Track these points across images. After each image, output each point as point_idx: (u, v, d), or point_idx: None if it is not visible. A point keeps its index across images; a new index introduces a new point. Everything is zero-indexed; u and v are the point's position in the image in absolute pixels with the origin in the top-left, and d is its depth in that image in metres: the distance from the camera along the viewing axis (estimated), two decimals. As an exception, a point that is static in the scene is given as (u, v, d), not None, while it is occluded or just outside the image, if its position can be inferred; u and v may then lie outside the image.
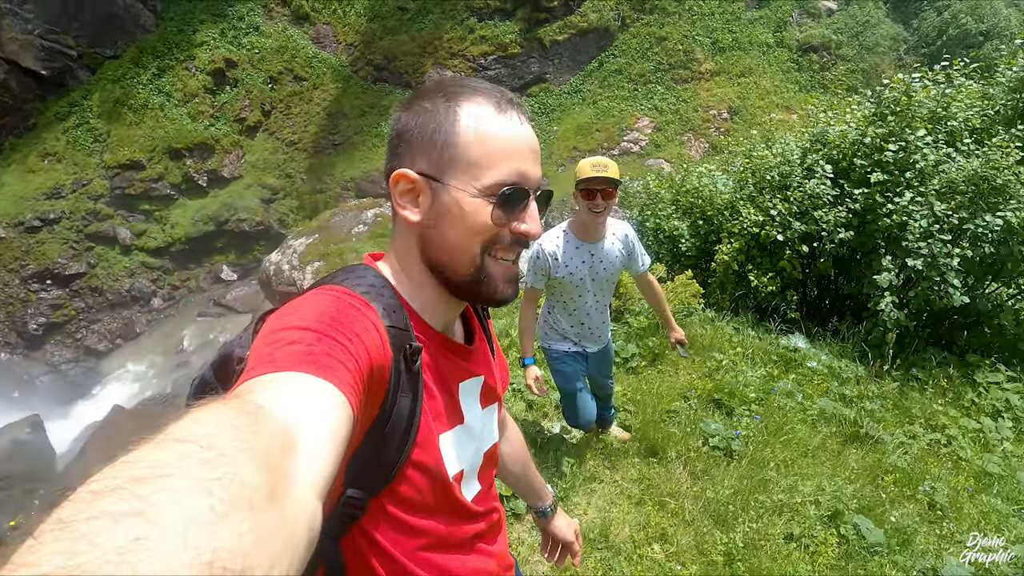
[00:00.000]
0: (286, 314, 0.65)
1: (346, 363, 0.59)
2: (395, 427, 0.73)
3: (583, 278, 2.51)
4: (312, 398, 0.53)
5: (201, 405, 0.42)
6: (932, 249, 3.85)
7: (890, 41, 19.77)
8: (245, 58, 19.07)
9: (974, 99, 4.72)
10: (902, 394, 3.93)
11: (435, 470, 0.80)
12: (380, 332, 0.69)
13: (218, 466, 0.35)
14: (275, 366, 0.55)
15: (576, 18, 20.73)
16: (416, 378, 0.76)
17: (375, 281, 0.78)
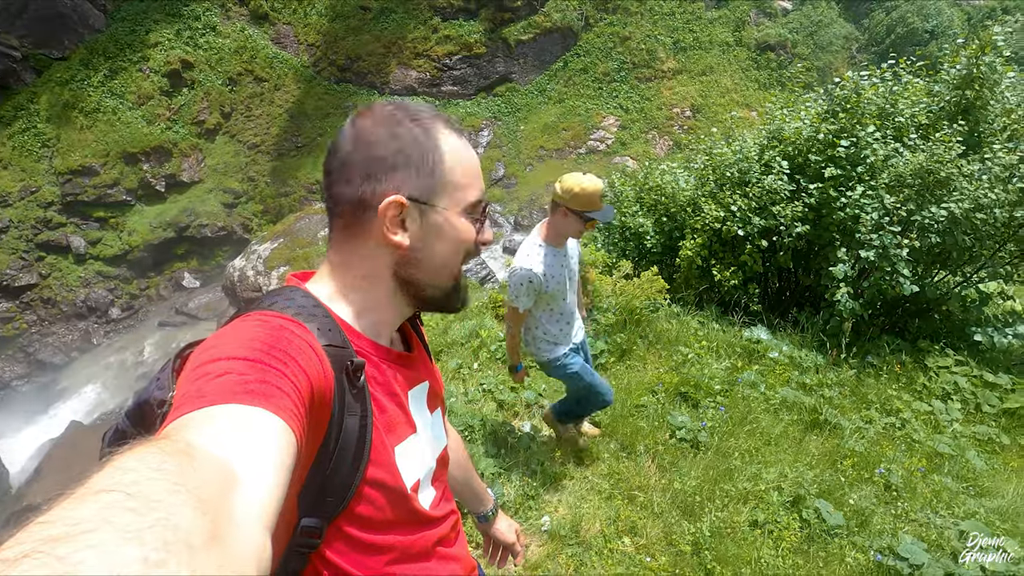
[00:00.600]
0: (211, 346, 0.62)
1: (284, 388, 0.57)
2: (345, 447, 0.71)
3: (562, 282, 2.56)
4: (250, 430, 0.51)
5: (124, 450, 0.39)
6: (883, 241, 4.00)
7: (843, 40, 20.46)
8: (203, 59, 18.57)
9: (920, 96, 4.92)
10: (859, 381, 4.07)
11: (392, 485, 0.79)
12: (317, 352, 0.67)
13: (148, 513, 0.33)
14: (205, 401, 0.52)
15: (540, 18, 20.83)
16: (362, 394, 0.75)
17: (304, 301, 0.76)
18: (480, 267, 14.39)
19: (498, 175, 19.72)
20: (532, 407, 3.70)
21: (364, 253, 0.81)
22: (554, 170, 19.45)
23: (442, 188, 0.81)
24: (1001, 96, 4.42)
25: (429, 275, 0.83)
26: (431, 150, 0.80)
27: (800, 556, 2.52)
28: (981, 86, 4.51)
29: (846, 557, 2.52)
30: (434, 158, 0.80)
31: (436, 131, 0.81)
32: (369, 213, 0.78)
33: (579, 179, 2.34)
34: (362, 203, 0.78)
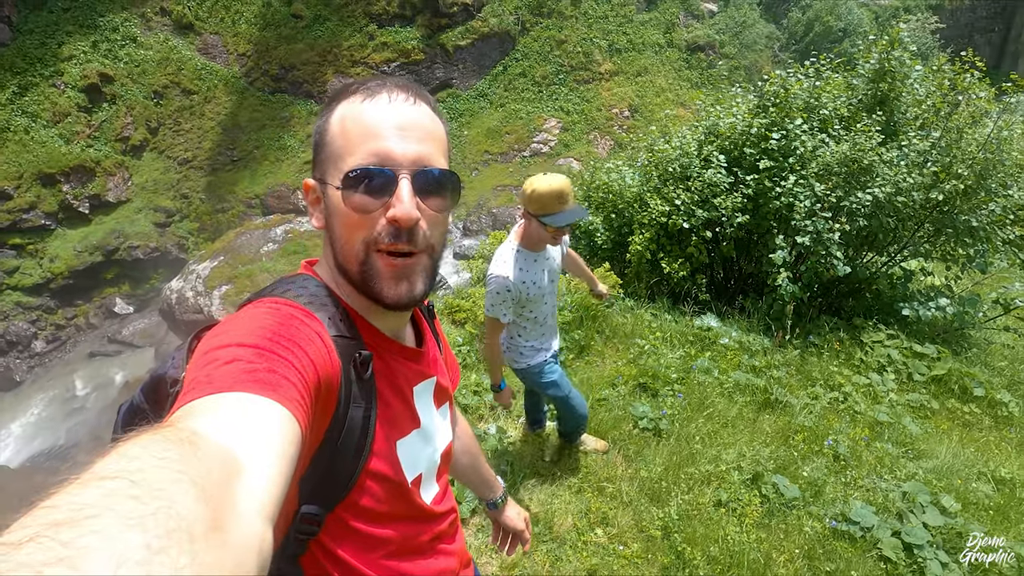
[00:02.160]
0: (222, 331, 0.62)
1: (291, 378, 0.57)
2: (349, 439, 0.71)
3: (542, 287, 2.41)
4: (255, 419, 0.50)
5: (129, 437, 0.39)
6: (816, 226, 4.24)
7: (765, 39, 21.56)
8: (123, 72, 17.62)
9: (840, 90, 5.26)
10: (803, 360, 4.30)
11: (394, 478, 0.79)
12: (326, 342, 0.67)
13: (151, 500, 0.33)
14: (213, 388, 0.52)
15: (477, 23, 20.91)
16: (369, 387, 0.74)
17: (317, 291, 0.76)
18: (432, 274, 14.29)
19: (444, 181, 19.59)
20: (496, 409, 3.71)
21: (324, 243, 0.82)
22: (500, 174, 19.55)
23: (328, 161, 0.76)
24: (911, 87, 4.78)
25: (340, 258, 0.77)
26: (324, 125, 0.78)
27: (763, 530, 2.64)
28: (893, 79, 4.87)
29: (804, 527, 2.66)
30: (323, 132, 0.78)
31: (337, 105, 0.77)
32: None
33: (534, 180, 2.15)
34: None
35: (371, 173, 0.72)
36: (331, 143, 0.76)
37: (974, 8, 21.34)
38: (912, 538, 2.57)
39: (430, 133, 0.78)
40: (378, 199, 0.72)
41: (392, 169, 0.73)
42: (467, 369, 4.37)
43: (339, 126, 0.75)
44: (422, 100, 0.79)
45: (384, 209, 0.73)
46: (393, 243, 0.74)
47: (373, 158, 0.72)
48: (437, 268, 0.82)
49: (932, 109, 4.62)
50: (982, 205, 4.21)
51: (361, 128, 0.73)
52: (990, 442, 3.57)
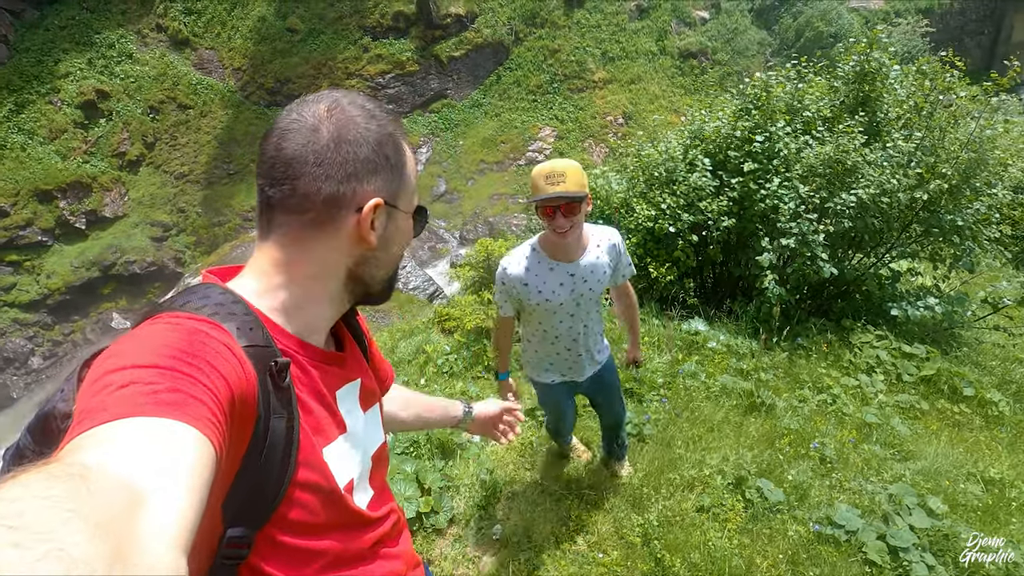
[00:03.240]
0: (115, 353, 0.57)
1: (198, 396, 0.54)
2: (272, 452, 0.68)
3: (563, 303, 2.08)
4: (159, 443, 0.47)
5: (8, 477, 0.36)
6: (801, 228, 4.23)
7: (757, 45, 21.69)
8: (120, 88, 17.72)
9: (822, 92, 5.27)
10: (791, 362, 4.27)
11: (324, 486, 0.76)
12: (236, 354, 0.64)
13: (36, 546, 0.30)
14: (108, 415, 0.48)
15: (471, 34, 21.05)
16: (288, 395, 0.71)
17: (222, 298, 0.72)
18: (427, 283, 14.27)
19: (440, 191, 19.67)
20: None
21: (322, 251, 0.78)
22: (495, 183, 19.59)
23: (403, 191, 0.84)
24: (891, 88, 4.79)
25: (381, 272, 0.86)
26: (401, 154, 0.83)
27: (746, 535, 2.60)
28: (873, 80, 4.88)
29: (788, 531, 2.62)
30: (402, 162, 0.83)
31: (400, 134, 0.83)
32: (343, 212, 0.77)
33: (535, 169, 1.91)
34: (338, 201, 0.76)
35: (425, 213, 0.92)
36: (410, 177, 0.86)
37: (964, 11, 21.46)
38: (898, 541, 2.52)
39: None
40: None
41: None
42: (453, 377, 4.35)
43: (411, 164, 0.86)
44: None
45: None
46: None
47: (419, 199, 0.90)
48: None
49: (914, 109, 4.62)
50: (967, 204, 4.20)
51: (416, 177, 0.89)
52: (980, 442, 3.53)
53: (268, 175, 0.76)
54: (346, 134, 0.76)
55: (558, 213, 1.88)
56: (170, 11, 18.88)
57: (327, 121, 0.75)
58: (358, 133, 0.76)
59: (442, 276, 15.59)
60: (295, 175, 0.74)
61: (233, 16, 19.67)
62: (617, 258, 2.16)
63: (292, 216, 0.76)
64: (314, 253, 0.78)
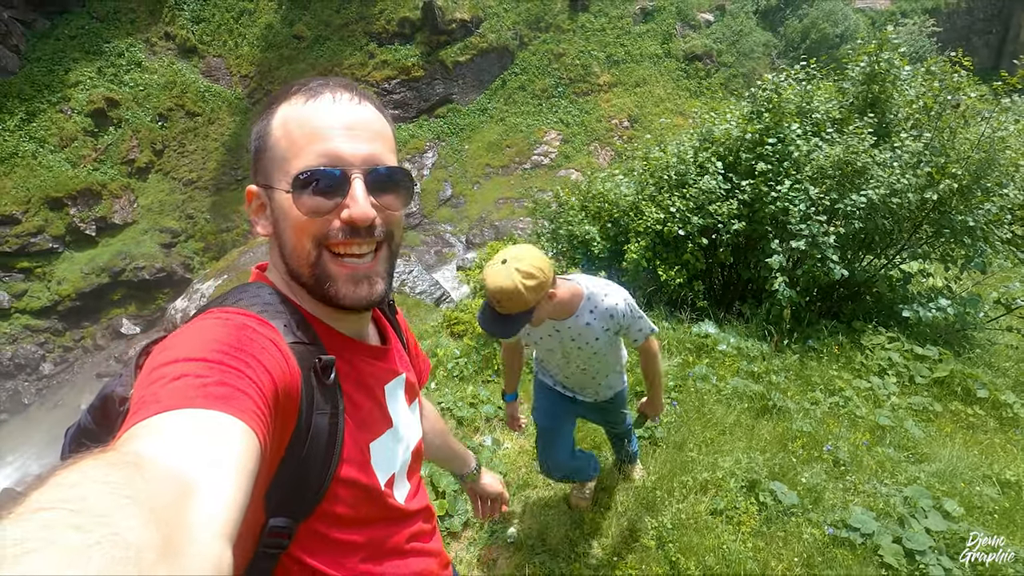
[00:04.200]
0: (169, 346, 0.59)
1: (245, 389, 0.55)
2: (315, 447, 0.69)
3: (552, 348, 2.05)
4: (208, 435, 0.49)
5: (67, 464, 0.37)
6: (811, 230, 4.22)
7: (763, 47, 21.66)
8: (129, 96, 17.90)
9: (831, 94, 5.26)
10: (802, 365, 4.25)
11: (366, 483, 0.77)
12: (282, 350, 0.65)
13: (94, 529, 0.31)
14: (161, 406, 0.50)
15: (476, 39, 21.13)
16: (333, 392, 0.72)
17: (271, 298, 0.74)
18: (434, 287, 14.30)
19: (446, 195, 19.74)
20: (492, 420, 3.68)
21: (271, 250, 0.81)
22: (501, 186, 19.64)
23: (273, 165, 0.75)
24: (901, 88, 4.78)
25: (292, 263, 0.76)
26: (265, 129, 0.77)
27: (760, 539, 2.59)
28: (883, 80, 4.87)
29: (803, 534, 2.61)
30: (265, 136, 0.76)
31: (277, 107, 0.76)
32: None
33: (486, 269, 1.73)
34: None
35: (322, 174, 0.71)
36: (274, 147, 0.75)
37: (971, 10, 21.37)
38: (913, 544, 2.51)
39: (378, 132, 0.78)
40: (330, 200, 0.72)
41: (343, 169, 0.72)
42: (463, 381, 4.36)
43: (282, 129, 0.74)
44: (366, 99, 0.79)
45: (337, 210, 0.73)
46: (348, 240, 0.74)
47: (322, 159, 0.72)
48: (394, 267, 0.82)
49: (923, 110, 4.60)
50: (978, 205, 4.17)
51: (306, 129, 0.73)
52: (995, 444, 3.50)
53: None
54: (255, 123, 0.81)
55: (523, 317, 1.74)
56: (178, 19, 19.07)
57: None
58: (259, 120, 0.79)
59: (449, 280, 15.62)
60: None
61: (240, 24, 19.85)
62: (617, 326, 1.95)
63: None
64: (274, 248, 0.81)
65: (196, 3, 19.48)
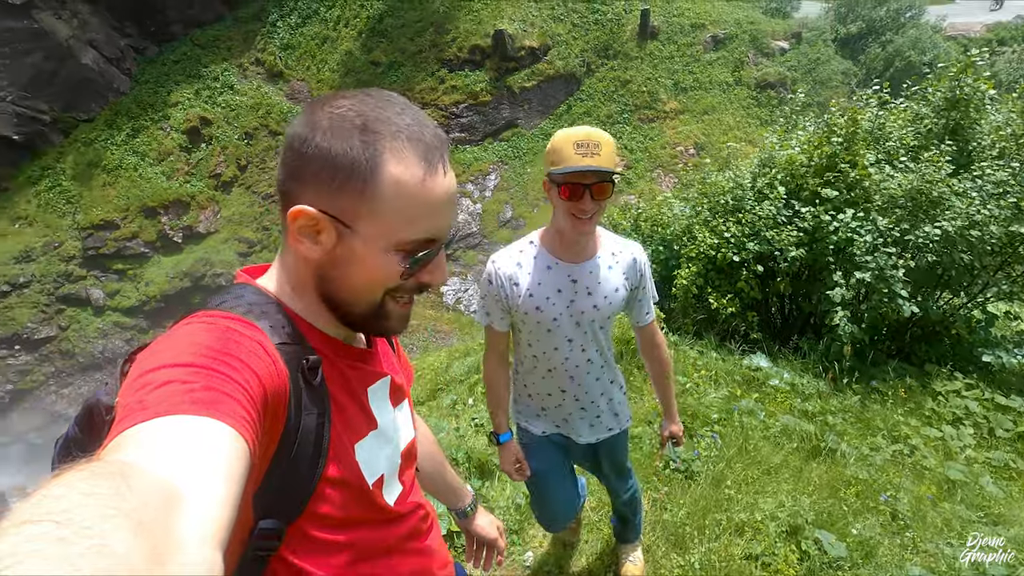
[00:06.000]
0: (156, 351, 0.59)
1: (232, 393, 0.55)
2: (303, 448, 0.69)
3: (558, 317, 1.65)
4: (195, 441, 0.48)
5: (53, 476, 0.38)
6: (879, 262, 3.93)
7: (841, 76, 20.77)
8: (220, 116, 19.39)
9: (907, 120, 4.95)
10: (864, 407, 3.93)
11: (354, 483, 0.77)
12: (269, 352, 0.65)
13: (80, 541, 0.31)
14: (147, 413, 0.50)
15: (543, 66, 21.50)
16: (320, 393, 0.73)
17: (256, 299, 0.73)
18: (488, 307, 14.42)
19: (506, 217, 19.97)
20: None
21: (295, 257, 0.76)
22: (561, 210, 19.67)
23: (370, 214, 0.70)
24: (987, 114, 4.43)
25: (345, 297, 0.76)
26: (368, 171, 0.68)
27: (799, 590, 2.38)
28: (966, 106, 4.54)
29: (849, 591, 2.37)
30: (368, 180, 0.69)
31: (385, 150, 0.69)
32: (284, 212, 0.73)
33: (559, 135, 1.49)
34: (283, 196, 0.73)
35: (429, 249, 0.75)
36: (383, 202, 0.70)
37: (1082, 38, 19.67)
38: (980, 615, 2.23)
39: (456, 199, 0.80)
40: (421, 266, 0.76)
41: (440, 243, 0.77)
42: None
43: (396, 190, 0.69)
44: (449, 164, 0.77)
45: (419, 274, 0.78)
46: (411, 294, 0.80)
47: (432, 234, 0.74)
48: None
49: (1011, 137, 4.23)
50: (1076, 242, 3.77)
51: (425, 204, 0.72)
52: (1089, 512, 3.08)
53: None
54: (309, 129, 0.69)
55: (587, 193, 1.46)
56: (268, 47, 20.59)
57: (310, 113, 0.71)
58: (318, 131, 0.68)
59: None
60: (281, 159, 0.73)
61: (323, 50, 21.16)
62: (638, 281, 1.71)
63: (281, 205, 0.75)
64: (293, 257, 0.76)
65: (285, 31, 20.99)
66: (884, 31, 20.75)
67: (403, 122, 0.70)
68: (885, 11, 21.62)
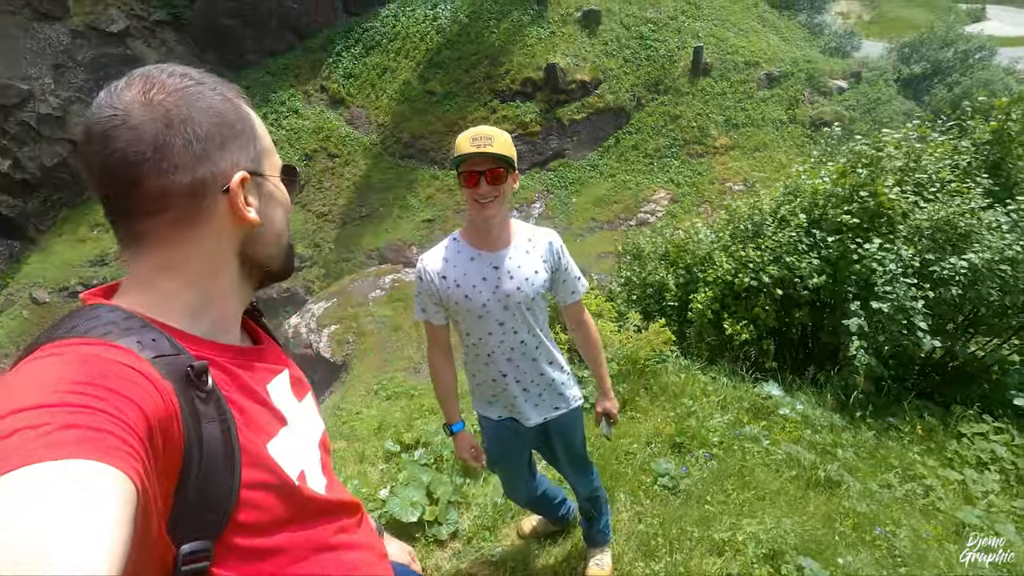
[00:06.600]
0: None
1: (99, 427, 0.48)
2: (212, 459, 0.64)
3: (486, 303, 1.79)
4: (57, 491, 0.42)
5: None
6: (898, 292, 3.79)
7: (903, 116, 20.08)
8: (284, 138, 20.62)
9: (946, 152, 4.78)
10: (879, 443, 3.74)
11: (276, 482, 0.73)
12: (143, 370, 0.58)
13: None
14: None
15: (594, 99, 21.86)
16: (216, 399, 0.67)
17: (112, 316, 0.64)
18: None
19: (548, 245, 20.13)
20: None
21: (206, 245, 0.73)
22: (604, 241, 19.64)
23: (264, 155, 0.79)
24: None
25: (271, 247, 0.81)
26: (246, 116, 0.76)
27: (771, 614, 2.29)
28: (1010, 142, 4.37)
29: (825, 620, 2.26)
30: (250, 123, 0.77)
31: (239, 98, 0.79)
32: (209, 198, 0.71)
33: (461, 135, 1.68)
34: (200, 188, 0.69)
35: (296, 172, 0.88)
36: (263, 139, 0.80)
37: None
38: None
39: None
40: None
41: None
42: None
43: (261, 125, 0.80)
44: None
45: None
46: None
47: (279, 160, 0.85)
48: None
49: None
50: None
51: (269, 133, 0.84)
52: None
53: (108, 183, 0.67)
54: (177, 112, 0.67)
55: (482, 179, 1.64)
56: (332, 75, 21.91)
57: (149, 104, 0.66)
58: (189, 107, 0.68)
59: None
60: (139, 176, 0.66)
61: (383, 80, 22.30)
62: (556, 263, 1.86)
63: (154, 218, 0.69)
64: (196, 249, 0.72)
65: (349, 61, 22.29)
66: (951, 72, 20.02)
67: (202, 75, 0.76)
68: (953, 52, 20.92)
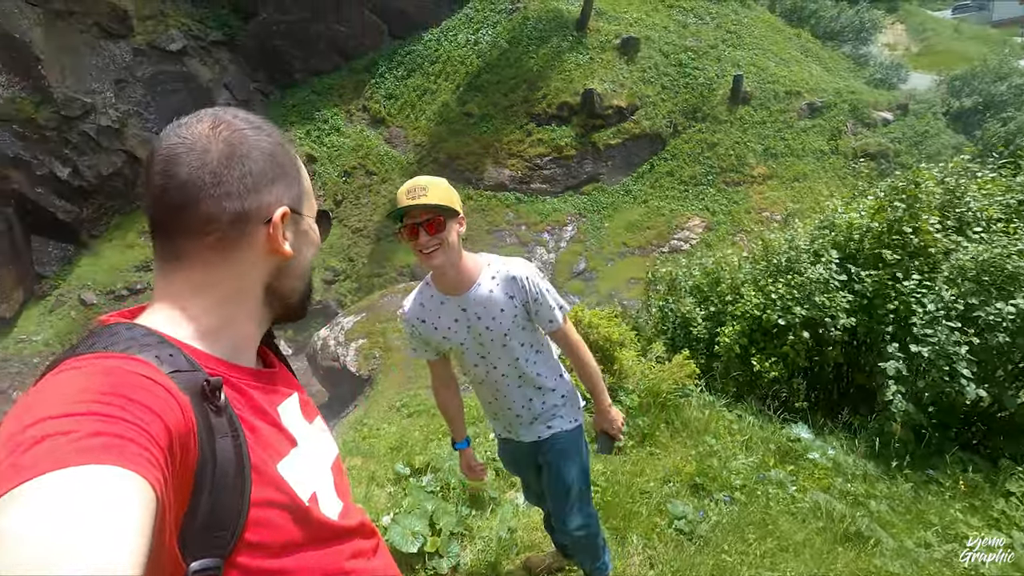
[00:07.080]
0: (26, 408, 0.53)
1: (124, 435, 0.50)
2: (224, 474, 0.64)
3: (463, 342, 1.89)
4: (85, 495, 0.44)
5: None
6: (940, 336, 3.59)
7: (952, 151, 19.41)
8: (325, 155, 21.26)
9: (997, 190, 4.56)
10: (917, 497, 3.51)
11: (287, 502, 0.73)
12: (162, 383, 0.60)
13: None
14: (23, 475, 0.44)
15: (630, 124, 21.87)
16: (228, 415, 0.68)
17: (132, 334, 0.67)
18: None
19: (579, 268, 20.02)
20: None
21: (238, 270, 0.78)
22: (634, 267, 19.43)
23: (304, 197, 0.86)
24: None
25: (296, 280, 0.86)
26: (294, 160, 0.85)
27: None
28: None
29: None
30: (296, 167, 0.85)
31: (286, 141, 0.85)
32: (251, 227, 0.76)
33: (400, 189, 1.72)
34: (245, 217, 0.75)
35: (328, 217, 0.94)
36: (305, 181, 0.87)
37: None
38: None
39: None
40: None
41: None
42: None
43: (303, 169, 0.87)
44: None
45: None
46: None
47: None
48: None
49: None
50: None
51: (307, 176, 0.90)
52: None
53: (162, 202, 0.73)
54: (238, 148, 0.75)
55: (422, 230, 1.65)
56: (375, 95, 22.56)
57: (215, 138, 0.74)
58: (249, 145, 0.76)
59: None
60: (194, 199, 0.72)
61: (422, 101, 22.83)
62: (524, 295, 1.85)
63: (197, 240, 0.74)
64: (229, 273, 0.77)
65: (391, 82, 22.94)
66: (1005, 107, 19.31)
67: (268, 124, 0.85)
68: (1007, 86, 20.21)
